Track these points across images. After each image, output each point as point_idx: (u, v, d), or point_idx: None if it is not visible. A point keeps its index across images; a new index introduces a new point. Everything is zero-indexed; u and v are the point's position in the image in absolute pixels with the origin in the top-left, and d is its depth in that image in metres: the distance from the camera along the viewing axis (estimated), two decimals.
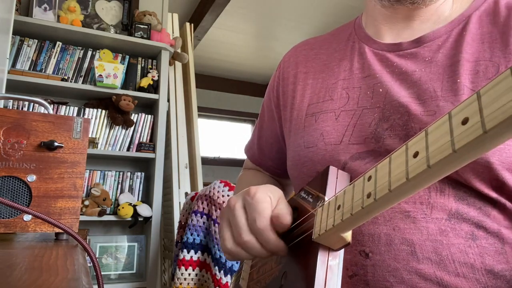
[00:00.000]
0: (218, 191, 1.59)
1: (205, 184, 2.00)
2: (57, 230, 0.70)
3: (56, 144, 0.71)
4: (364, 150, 0.52)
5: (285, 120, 0.67)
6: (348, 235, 0.39)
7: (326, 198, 0.44)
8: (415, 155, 0.27)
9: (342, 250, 0.42)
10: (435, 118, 0.47)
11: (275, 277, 0.48)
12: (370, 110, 0.53)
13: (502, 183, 0.46)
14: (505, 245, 0.46)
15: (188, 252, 1.58)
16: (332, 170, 0.49)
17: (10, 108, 2.01)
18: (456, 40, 0.52)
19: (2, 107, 1.51)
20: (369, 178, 0.33)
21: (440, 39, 0.53)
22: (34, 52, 2.21)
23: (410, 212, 0.48)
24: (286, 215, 0.45)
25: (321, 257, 0.40)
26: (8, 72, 2.00)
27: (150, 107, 2.50)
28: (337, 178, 0.48)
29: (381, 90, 0.53)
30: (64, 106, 2.21)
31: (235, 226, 0.47)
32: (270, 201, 0.47)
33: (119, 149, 2.30)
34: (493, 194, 0.47)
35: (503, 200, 0.47)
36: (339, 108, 0.56)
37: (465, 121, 0.24)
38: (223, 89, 4.82)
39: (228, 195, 1.56)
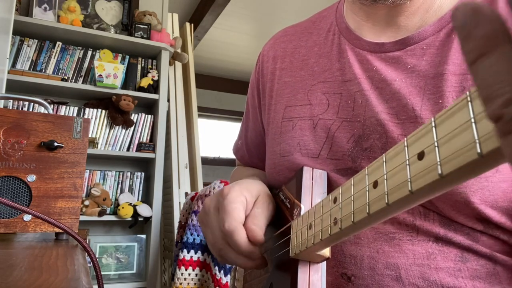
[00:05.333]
0: None
1: (205, 184, 2.00)
2: (57, 230, 0.70)
3: (56, 144, 0.71)
4: (342, 168, 0.49)
5: (264, 121, 0.63)
6: (326, 251, 0.38)
7: (302, 207, 0.43)
8: (375, 185, 0.26)
9: (325, 262, 0.41)
10: None
11: (264, 286, 0.48)
12: (350, 123, 0.49)
13: (486, 218, 0.43)
14: (497, 265, 0.44)
15: (188, 252, 1.58)
16: (307, 170, 0.47)
17: (10, 108, 2.01)
18: (443, 44, 0.46)
19: (2, 107, 1.51)
20: (335, 200, 0.32)
21: (425, 41, 0.47)
22: (34, 52, 2.21)
23: (395, 234, 0.45)
24: (258, 230, 0.42)
25: (302, 274, 0.40)
26: (8, 72, 2.00)
27: (150, 107, 2.50)
28: (312, 179, 0.47)
29: (360, 101, 0.49)
30: (64, 106, 2.21)
31: (212, 232, 0.45)
32: (243, 200, 0.45)
33: (119, 149, 2.30)
34: (479, 227, 0.44)
35: (490, 231, 0.44)
36: (318, 115, 0.52)
37: (421, 156, 0.22)
38: (223, 89, 4.82)
39: None
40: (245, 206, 0.45)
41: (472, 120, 0.19)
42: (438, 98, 0.44)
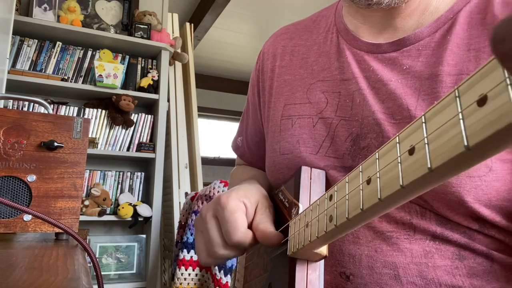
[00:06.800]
0: (218, 191, 1.59)
1: (205, 184, 2.00)
2: (57, 230, 0.70)
3: (56, 144, 0.71)
4: (340, 165, 0.49)
5: (264, 119, 0.63)
6: (323, 250, 0.38)
7: (300, 206, 0.44)
8: (368, 181, 0.26)
9: (323, 260, 0.41)
10: None
11: (263, 286, 0.48)
12: (348, 122, 0.49)
13: (481, 217, 0.43)
14: (494, 263, 0.44)
15: (188, 252, 1.58)
16: (305, 170, 0.48)
17: (10, 108, 2.01)
18: (439, 45, 0.46)
19: (2, 107, 1.51)
20: (331, 198, 0.33)
21: (421, 42, 0.47)
22: (34, 52, 2.21)
23: (393, 232, 0.45)
24: (273, 237, 0.43)
25: (300, 272, 0.40)
26: (8, 72, 2.00)
27: (150, 107, 2.50)
28: (311, 179, 0.47)
29: (359, 100, 0.49)
30: (64, 106, 2.21)
31: (208, 241, 0.45)
32: (243, 208, 0.45)
33: (119, 149, 2.30)
34: (475, 226, 0.44)
35: (486, 230, 0.44)
36: (317, 114, 0.53)
37: (411, 151, 0.23)
38: (223, 89, 4.82)
39: None
40: (245, 212, 0.45)
41: (460, 114, 0.19)
42: (433, 98, 0.44)
